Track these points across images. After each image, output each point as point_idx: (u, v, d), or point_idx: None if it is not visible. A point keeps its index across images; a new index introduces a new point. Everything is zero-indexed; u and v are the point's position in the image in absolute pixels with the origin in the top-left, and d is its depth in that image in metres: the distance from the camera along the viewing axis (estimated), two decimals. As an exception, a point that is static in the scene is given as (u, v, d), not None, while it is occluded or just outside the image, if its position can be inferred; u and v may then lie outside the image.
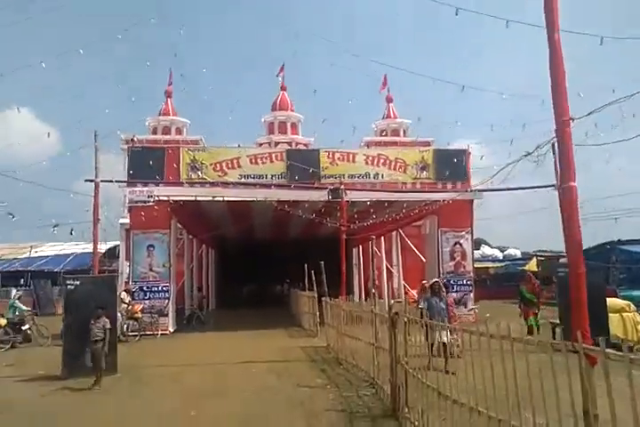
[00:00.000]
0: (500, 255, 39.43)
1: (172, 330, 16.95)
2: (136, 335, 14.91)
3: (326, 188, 16.45)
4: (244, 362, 10.39)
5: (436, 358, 5.45)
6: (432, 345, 5.83)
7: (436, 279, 12.93)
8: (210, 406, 6.93)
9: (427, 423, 5.16)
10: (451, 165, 18.96)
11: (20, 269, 32.33)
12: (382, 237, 26.83)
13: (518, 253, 39.35)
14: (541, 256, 31.35)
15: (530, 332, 12.52)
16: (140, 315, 15.01)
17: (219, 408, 6.80)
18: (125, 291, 15.83)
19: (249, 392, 7.66)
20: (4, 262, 34.13)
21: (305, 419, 6.14)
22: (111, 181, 14.94)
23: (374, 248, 30.08)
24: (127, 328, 14.38)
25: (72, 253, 36.41)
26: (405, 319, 5.87)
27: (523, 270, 31.56)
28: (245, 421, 6.16)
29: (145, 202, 16.88)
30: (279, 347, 12.62)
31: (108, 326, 8.76)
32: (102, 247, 34.87)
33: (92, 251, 34.00)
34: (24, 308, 15.23)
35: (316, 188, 17.39)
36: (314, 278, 15.16)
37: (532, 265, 31.91)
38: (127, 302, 15.28)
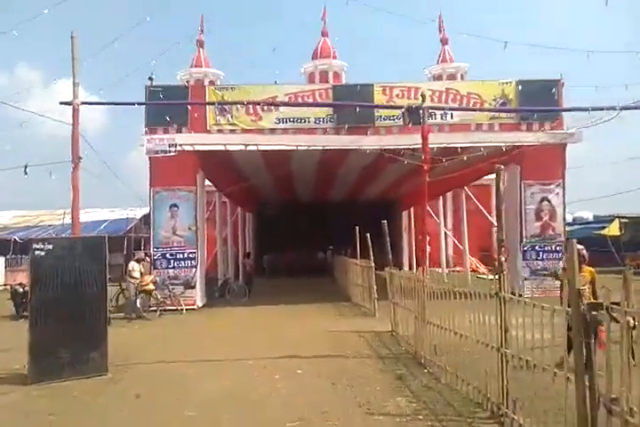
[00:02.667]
0: (569, 218, 35.08)
1: (200, 304, 14.31)
2: (156, 311, 12.34)
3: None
4: (283, 357, 7.45)
5: None
6: None
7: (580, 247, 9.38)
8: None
9: None
10: (538, 101, 15.07)
11: (55, 236, 30.64)
12: (441, 197, 23.32)
13: (590, 217, 34.91)
14: (625, 218, 26.98)
15: None
16: (152, 287, 12.24)
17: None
18: (136, 260, 13.09)
19: None
20: (38, 230, 32.57)
21: None
22: (98, 104, 11.91)
23: (428, 209, 26.86)
24: (141, 304, 11.73)
25: (107, 220, 34.77)
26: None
27: (599, 235, 27.52)
28: None
29: (166, 152, 14.00)
30: (329, 331, 9.66)
31: None
32: (138, 213, 32.96)
33: (128, 217, 32.18)
34: None
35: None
36: (370, 243, 11.98)
37: (612, 229, 27.73)
38: (136, 274, 12.58)
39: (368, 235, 11.88)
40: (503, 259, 4.58)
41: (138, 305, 11.55)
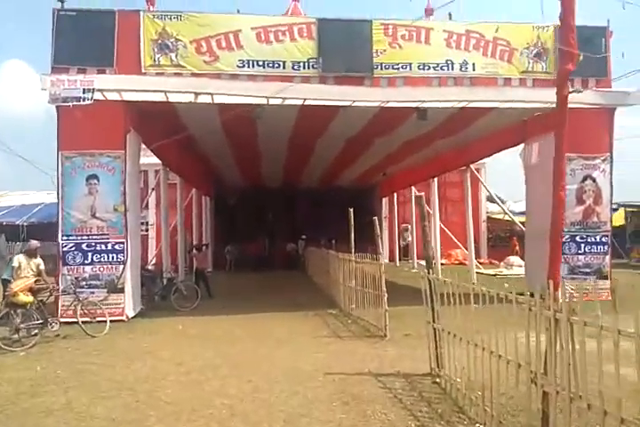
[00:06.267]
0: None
1: (131, 313, 10.20)
2: (32, 336, 7.63)
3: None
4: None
5: None
6: None
7: None
8: None
9: None
10: (582, 52, 11.55)
11: (-15, 220, 25.65)
12: (435, 179, 19.64)
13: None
14: (631, 207, 24.27)
15: None
16: (24, 299, 7.56)
17: None
18: (26, 253, 8.60)
19: None
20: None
21: None
22: None
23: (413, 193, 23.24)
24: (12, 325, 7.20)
25: (40, 203, 29.96)
26: None
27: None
28: None
29: (79, 100, 9.78)
30: (325, 373, 5.78)
31: None
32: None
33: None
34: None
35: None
36: (378, 231, 8.16)
37: (616, 218, 24.91)
38: (25, 274, 8.08)
39: (376, 219, 8.03)
40: None
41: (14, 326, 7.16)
